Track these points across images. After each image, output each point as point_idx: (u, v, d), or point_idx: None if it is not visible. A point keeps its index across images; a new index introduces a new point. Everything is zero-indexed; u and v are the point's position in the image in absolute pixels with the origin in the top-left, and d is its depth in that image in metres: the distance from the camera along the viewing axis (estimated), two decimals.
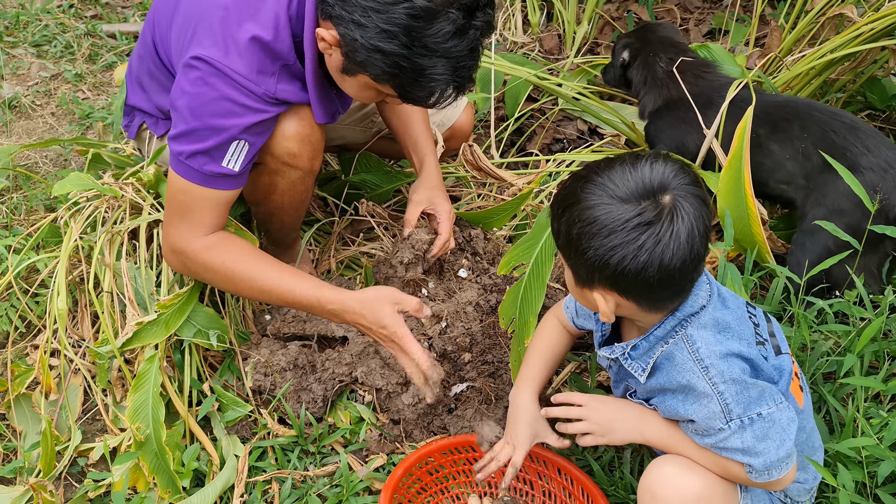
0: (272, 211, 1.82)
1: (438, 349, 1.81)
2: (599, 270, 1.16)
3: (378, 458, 1.70)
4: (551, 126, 2.69)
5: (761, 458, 1.21)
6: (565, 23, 3.04)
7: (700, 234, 1.15)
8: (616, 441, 1.37)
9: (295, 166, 1.70)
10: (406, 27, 1.35)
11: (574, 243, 1.17)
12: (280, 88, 1.56)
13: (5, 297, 1.88)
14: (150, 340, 1.67)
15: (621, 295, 1.20)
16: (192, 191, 1.57)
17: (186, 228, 1.60)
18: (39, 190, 2.34)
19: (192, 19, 1.54)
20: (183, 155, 1.54)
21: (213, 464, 1.67)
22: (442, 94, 1.45)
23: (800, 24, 2.24)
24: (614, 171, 1.16)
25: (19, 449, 1.70)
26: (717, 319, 1.26)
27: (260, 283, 1.60)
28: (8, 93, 2.80)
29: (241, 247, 1.63)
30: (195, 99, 1.50)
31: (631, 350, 1.32)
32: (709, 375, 1.22)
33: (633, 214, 1.12)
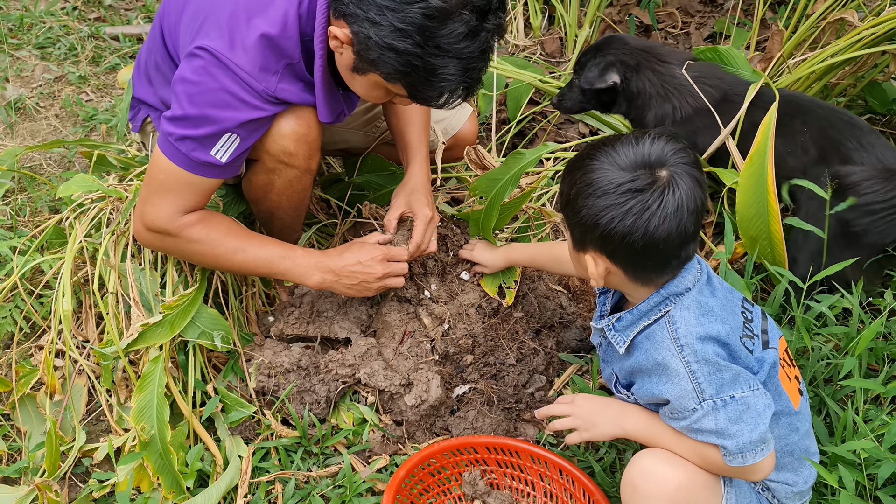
0: (271, 209, 1.84)
1: (441, 351, 1.82)
2: (590, 231, 1.25)
3: (381, 459, 1.71)
4: (553, 129, 2.70)
5: (735, 439, 1.24)
6: (567, 26, 3.06)
7: (689, 211, 1.21)
8: (599, 435, 1.42)
9: (291, 165, 1.71)
10: (420, 26, 1.37)
11: (572, 203, 1.27)
12: (281, 88, 1.57)
13: (10, 298, 1.89)
14: (155, 341, 1.68)
15: (610, 259, 1.27)
16: (176, 173, 1.59)
17: (165, 207, 1.61)
18: (44, 191, 2.35)
19: (202, 12, 1.56)
20: (173, 136, 1.55)
21: (216, 464, 1.68)
22: (452, 94, 1.46)
23: (801, 29, 2.25)
24: (619, 143, 1.25)
25: (24, 449, 1.71)
26: (701, 303, 1.30)
27: (243, 252, 1.66)
28: (12, 95, 2.81)
29: (221, 221, 1.68)
30: (195, 86, 1.52)
31: (616, 322, 1.37)
32: (683, 354, 1.26)
33: (626, 180, 1.21)
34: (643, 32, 3.14)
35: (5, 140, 2.66)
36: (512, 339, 1.89)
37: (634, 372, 1.37)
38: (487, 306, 1.92)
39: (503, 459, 1.66)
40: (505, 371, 1.84)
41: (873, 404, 1.61)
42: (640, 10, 3.17)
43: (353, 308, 1.89)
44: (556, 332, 1.95)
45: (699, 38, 3.04)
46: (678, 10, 3.18)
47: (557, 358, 1.91)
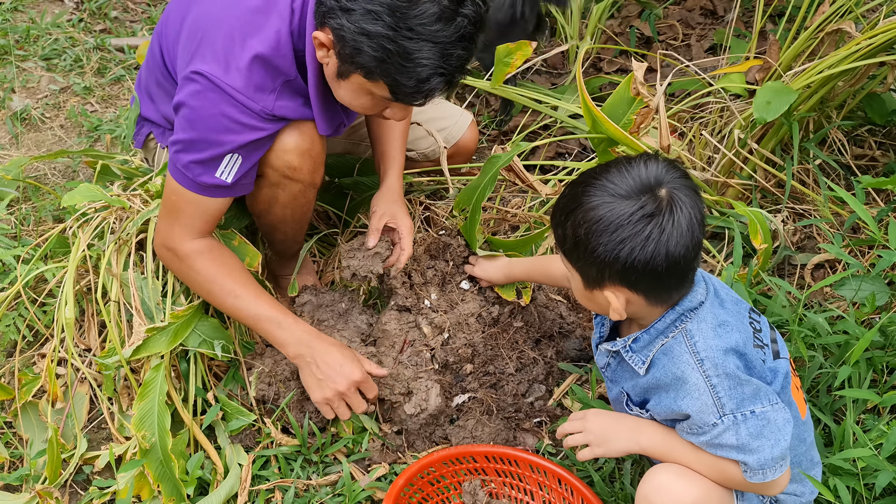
0: (274, 223, 1.85)
1: (440, 360, 1.82)
2: (609, 266, 1.22)
3: (380, 467, 1.71)
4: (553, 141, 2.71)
5: (756, 455, 1.22)
6: (568, 38, 3.07)
7: (698, 222, 1.22)
8: (612, 451, 1.39)
9: (296, 179, 1.72)
10: (390, 6, 1.37)
11: (582, 244, 1.23)
12: (279, 105, 1.58)
13: (13, 307, 1.91)
14: (157, 350, 1.68)
15: (631, 289, 1.25)
16: (185, 195, 1.62)
17: (177, 229, 1.65)
18: (48, 201, 2.37)
19: (198, 33, 1.57)
20: (180, 162, 1.59)
21: (216, 472, 1.68)
22: (430, 83, 1.44)
23: (799, 39, 2.26)
24: (611, 173, 1.23)
25: (25, 456, 1.72)
26: (716, 315, 1.29)
27: (236, 297, 1.66)
28: (18, 105, 2.84)
29: (228, 260, 1.69)
30: (194, 112, 1.54)
31: (632, 343, 1.35)
32: (703, 368, 1.25)
33: (636, 208, 1.19)
34: (644, 44, 3.15)
35: (11, 150, 2.68)
36: (511, 349, 1.89)
37: (650, 389, 1.35)
38: (487, 316, 1.93)
39: (502, 469, 1.66)
40: (504, 380, 1.84)
41: (871, 414, 1.62)
42: (640, 22, 3.19)
43: (353, 317, 1.90)
44: (555, 341, 1.96)
45: (700, 50, 3.06)
46: (679, 23, 3.20)
47: (557, 367, 1.92)
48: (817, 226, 2.26)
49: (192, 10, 1.63)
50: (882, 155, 2.44)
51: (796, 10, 2.48)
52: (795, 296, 1.76)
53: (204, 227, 1.67)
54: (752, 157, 2.25)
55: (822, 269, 2.16)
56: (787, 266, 2.19)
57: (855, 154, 2.44)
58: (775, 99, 2.02)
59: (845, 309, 1.91)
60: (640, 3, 3.28)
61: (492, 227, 2.33)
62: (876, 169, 2.42)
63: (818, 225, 2.25)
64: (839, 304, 1.98)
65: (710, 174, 2.27)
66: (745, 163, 2.28)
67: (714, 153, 2.33)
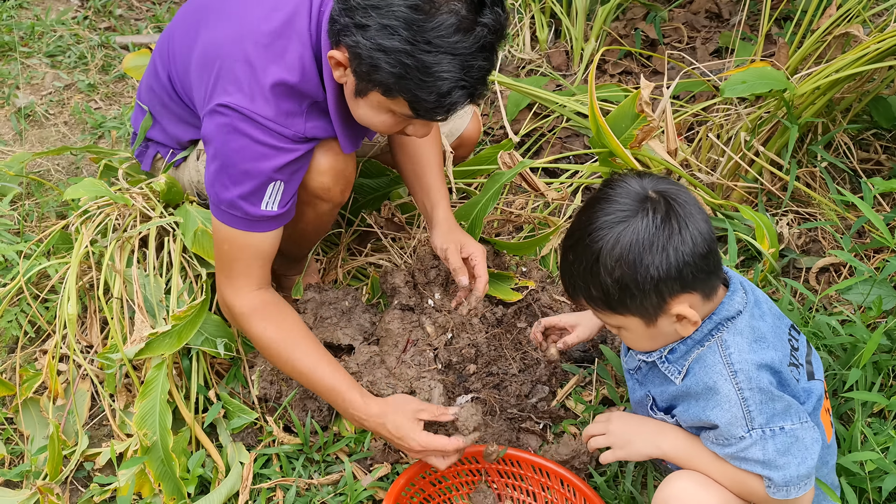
0: (293, 237, 1.81)
1: (444, 360, 1.82)
2: (665, 280, 1.20)
3: (382, 467, 1.70)
4: (557, 142, 2.71)
5: (782, 472, 1.21)
6: (573, 39, 3.07)
7: (694, 203, 1.24)
8: (634, 454, 1.38)
9: (327, 199, 1.71)
10: (406, 20, 1.32)
11: (630, 282, 1.20)
12: (309, 127, 1.55)
13: (16, 303, 1.90)
14: (162, 351, 1.67)
15: (689, 290, 1.23)
16: (237, 238, 1.58)
17: (235, 282, 1.61)
18: (51, 197, 2.36)
19: (214, 64, 1.53)
20: (223, 203, 1.55)
21: (218, 470, 1.67)
22: (451, 96, 1.38)
23: (806, 43, 2.26)
24: (602, 210, 1.23)
25: (26, 453, 1.72)
26: (754, 328, 1.28)
27: (294, 363, 1.59)
28: (22, 102, 2.84)
29: (283, 319, 1.62)
30: (226, 145, 1.51)
31: (668, 353, 1.33)
32: (736, 380, 1.23)
33: (652, 215, 1.20)
34: (649, 47, 3.15)
35: (14, 146, 2.68)
36: (515, 350, 1.89)
37: (680, 396, 1.33)
38: (491, 316, 1.92)
39: (505, 470, 1.65)
40: (508, 381, 1.84)
41: (878, 417, 1.61)
42: (646, 24, 3.18)
43: (356, 315, 1.89)
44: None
45: (705, 53, 3.05)
46: (684, 25, 3.19)
47: (560, 369, 1.91)
48: (822, 229, 2.25)
49: (200, 35, 1.60)
50: (888, 159, 2.43)
51: (803, 13, 2.48)
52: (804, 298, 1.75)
53: (260, 271, 1.62)
54: (757, 160, 2.24)
55: (827, 272, 2.15)
56: (792, 269, 2.18)
57: (860, 158, 2.43)
58: (755, 80, 1.99)
59: (851, 312, 1.90)
60: (646, 6, 3.28)
61: (496, 227, 2.33)
62: (881, 173, 2.41)
63: (824, 228, 2.24)
64: (845, 307, 1.97)
65: (716, 178, 2.27)
66: (750, 165, 2.27)
67: (719, 156, 2.32)
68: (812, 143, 2.34)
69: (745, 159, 2.25)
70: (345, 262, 2.16)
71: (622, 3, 3.20)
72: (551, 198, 2.09)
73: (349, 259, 2.18)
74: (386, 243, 2.18)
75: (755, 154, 2.25)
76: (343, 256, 2.17)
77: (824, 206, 2.27)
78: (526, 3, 3.21)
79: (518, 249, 2.09)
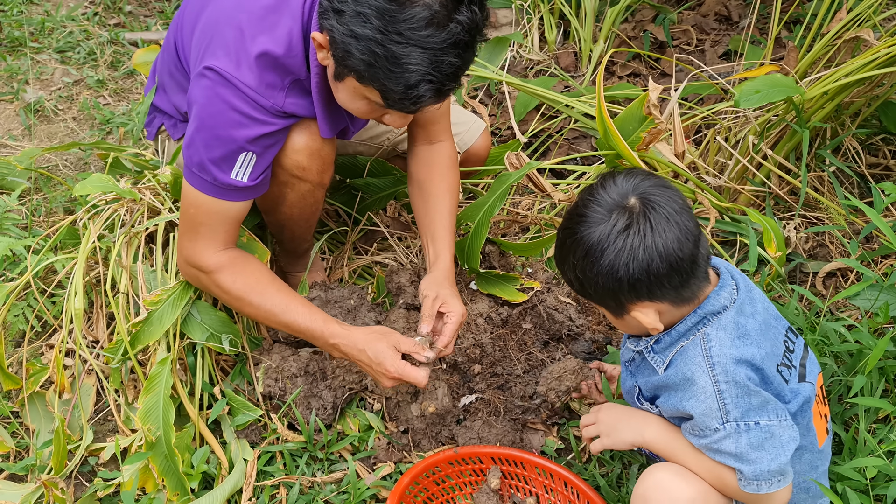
0: (282, 222, 1.84)
1: (448, 360, 1.82)
2: (618, 289, 1.24)
3: (386, 466, 1.71)
4: (565, 143, 2.71)
5: (752, 466, 1.23)
6: (582, 41, 3.07)
7: (677, 212, 1.22)
8: (619, 442, 1.42)
9: (304, 179, 1.72)
10: (379, 9, 1.33)
11: (588, 281, 1.27)
12: (289, 102, 1.57)
13: (23, 297, 1.91)
14: (148, 340, 1.68)
15: (652, 300, 1.26)
16: (204, 203, 1.60)
17: (200, 244, 1.63)
18: (59, 192, 2.37)
19: (211, 30, 1.57)
20: (194, 164, 1.57)
21: (222, 467, 1.68)
22: (418, 89, 1.38)
23: (815, 47, 2.25)
24: (586, 206, 1.26)
25: (32, 447, 1.72)
26: (738, 324, 1.29)
27: (268, 307, 1.63)
28: (31, 97, 2.85)
29: (253, 269, 1.66)
30: (204, 108, 1.54)
31: (654, 344, 1.36)
32: (713, 372, 1.25)
33: (610, 227, 1.22)
34: (658, 49, 3.14)
35: (23, 141, 2.69)
36: (520, 350, 1.89)
37: (662, 386, 1.35)
38: (496, 316, 1.92)
39: (508, 470, 1.65)
40: (512, 382, 1.84)
41: (882, 424, 1.60)
42: (654, 26, 3.18)
43: (361, 314, 1.89)
44: (564, 343, 1.95)
45: (714, 56, 3.04)
46: (693, 28, 3.18)
47: None
48: (830, 233, 2.24)
49: (208, 5, 1.63)
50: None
51: (813, 17, 2.47)
52: (811, 303, 1.74)
53: (225, 236, 1.64)
54: (765, 163, 2.23)
55: (834, 277, 2.14)
56: (799, 274, 2.17)
57: (869, 163, 2.42)
58: (768, 89, 1.98)
59: (858, 318, 1.90)
60: (655, 8, 3.27)
61: (502, 228, 2.33)
62: (891, 177, 2.40)
63: (831, 232, 2.23)
64: (851, 313, 1.97)
65: (723, 181, 2.26)
66: (758, 169, 2.27)
67: (727, 160, 2.32)
68: (820, 148, 2.33)
69: (753, 163, 2.25)
70: (351, 260, 2.17)
71: (631, 4, 3.20)
72: (558, 199, 2.08)
73: (355, 258, 2.18)
74: (392, 242, 2.18)
75: (763, 157, 2.25)
76: (349, 255, 2.17)
77: (832, 210, 2.26)
78: (535, 4, 3.21)
79: (524, 250, 2.09)
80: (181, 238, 1.66)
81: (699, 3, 3.34)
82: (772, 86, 2.01)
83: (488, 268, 2.06)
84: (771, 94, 1.98)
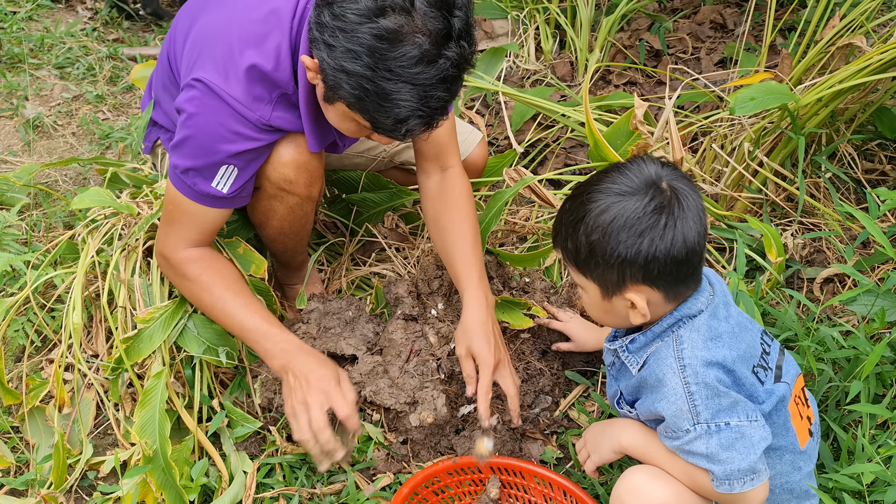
0: (273, 235, 1.86)
1: (446, 370, 1.82)
2: (631, 264, 1.24)
3: (385, 477, 1.71)
4: (562, 152, 2.72)
5: (723, 466, 1.24)
6: (577, 50, 3.08)
7: (701, 210, 1.25)
8: (604, 455, 1.43)
9: (292, 192, 1.73)
10: (370, 48, 1.33)
11: (599, 249, 1.25)
12: (275, 116, 1.58)
13: (22, 312, 1.92)
14: (138, 357, 1.69)
15: (652, 286, 1.26)
16: (182, 204, 1.63)
17: (173, 237, 1.67)
18: (59, 207, 2.38)
19: (200, 43, 1.59)
20: (178, 168, 1.60)
21: (221, 479, 1.68)
22: (408, 123, 1.41)
23: (809, 54, 2.26)
24: (611, 177, 1.27)
25: (32, 461, 1.73)
26: (711, 327, 1.30)
27: (224, 303, 1.66)
28: (31, 113, 2.87)
29: (221, 268, 1.69)
30: (191, 118, 1.55)
31: (629, 343, 1.37)
32: (684, 374, 1.26)
33: (648, 200, 1.22)
34: (653, 57, 3.16)
35: (23, 157, 2.70)
36: (518, 360, 1.89)
37: (638, 388, 1.38)
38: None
39: (507, 480, 1.65)
40: None
41: (880, 429, 1.60)
42: (650, 35, 3.20)
43: (359, 325, 1.90)
44: (562, 353, 1.95)
45: (709, 64, 3.06)
46: (689, 36, 3.20)
47: (563, 379, 1.91)
48: (826, 239, 2.25)
49: (199, 19, 1.65)
50: (892, 169, 2.43)
51: (807, 24, 2.49)
52: (806, 308, 1.74)
53: (199, 237, 1.67)
54: (761, 170, 2.24)
55: (831, 283, 2.15)
56: (796, 280, 2.18)
57: (865, 168, 2.43)
58: (763, 96, 2.00)
59: (854, 324, 1.90)
60: (650, 17, 3.29)
61: (500, 238, 2.33)
62: (886, 183, 2.41)
63: (827, 238, 2.24)
64: (848, 319, 1.97)
65: (720, 188, 2.27)
66: (754, 176, 2.27)
67: (723, 167, 2.32)
68: (816, 154, 2.34)
69: (749, 170, 2.26)
70: (348, 271, 2.17)
71: (627, 14, 3.22)
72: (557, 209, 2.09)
73: (353, 269, 2.19)
74: (390, 253, 2.19)
75: (759, 164, 2.26)
76: (347, 266, 2.18)
77: (828, 216, 2.27)
78: (531, 15, 3.23)
79: (522, 261, 2.10)
80: (159, 229, 1.71)
81: (694, 12, 3.37)
82: (766, 93, 2.02)
83: (488, 277, 2.06)
84: (766, 101, 1.99)
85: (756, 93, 2.00)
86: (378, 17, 1.32)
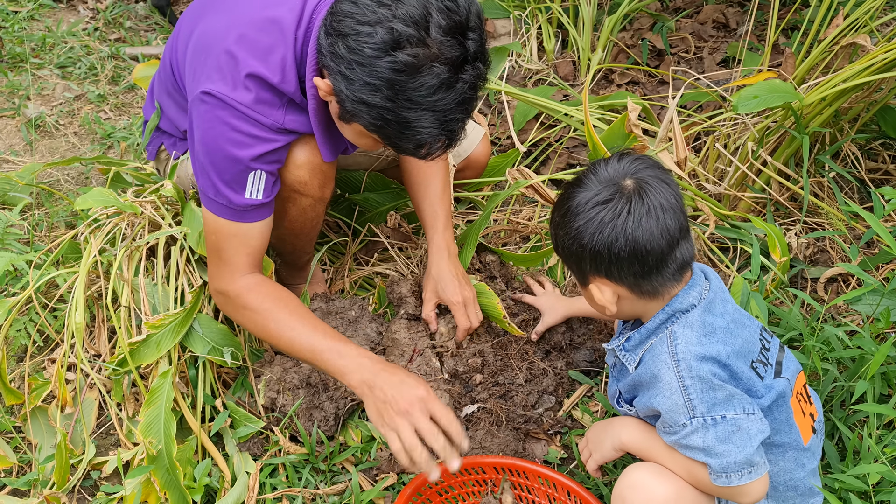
0: (283, 236, 1.85)
1: (450, 370, 1.82)
2: (580, 257, 1.28)
3: (388, 477, 1.70)
4: (564, 152, 2.71)
5: (720, 459, 1.24)
6: (580, 50, 3.08)
7: (664, 209, 1.24)
8: (606, 453, 1.44)
9: (305, 194, 1.72)
10: (389, 81, 1.34)
11: (560, 240, 1.32)
12: (289, 119, 1.58)
13: (25, 312, 1.91)
14: (143, 361, 1.69)
15: (611, 280, 1.29)
16: (223, 228, 1.61)
17: (225, 268, 1.64)
18: (61, 207, 2.38)
19: (203, 52, 1.58)
20: (209, 191, 1.58)
21: (224, 480, 1.68)
22: (430, 146, 1.43)
23: (813, 53, 2.26)
24: (585, 176, 1.31)
25: (34, 461, 1.72)
26: (705, 322, 1.30)
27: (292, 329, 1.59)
28: (33, 112, 2.86)
29: (279, 293, 1.65)
30: (207, 133, 1.54)
31: (625, 342, 1.39)
32: (678, 369, 1.27)
33: (592, 195, 1.26)
34: (656, 57, 3.15)
35: (25, 157, 2.70)
36: (521, 360, 1.88)
37: (635, 385, 1.39)
38: (497, 326, 1.92)
39: (511, 480, 1.65)
40: (514, 391, 1.83)
41: (886, 429, 1.60)
42: (652, 34, 3.19)
43: (363, 325, 1.89)
44: (565, 353, 1.94)
45: (712, 63, 3.05)
46: (691, 35, 3.20)
47: (567, 379, 1.90)
48: (830, 239, 2.24)
49: (199, 24, 1.64)
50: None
51: (810, 23, 2.48)
52: (810, 308, 1.74)
53: (249, 259, 1.64)
54: (765, 170, 2.23)
55: (835, 282, 2.14)
56: (800, 279, 2.17)
57: (869, 168, 2.42)
58: (767, 95, 1.99)
59: (859, 323, 1.89)
60: (653, 16, 3.28)
61: (502, 237, 2.33)
62: (890, 182, 2.40)
63: (831, 238, 2.23)
64: (853, 318, 1.96)
65: (723, 188, 2.26)
66: (758, 175, 2.27)
67: (727, 166, 2.32)
68: (819, 153, 2.33)
69: (753, 169, 2.25)
70: (351, 271, 2.17)
71: (629, 13, 3.21)
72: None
73: (356, 269, 2.18)
74: (393, 253, 2.18)
75: (762, 164, 2.25)
76: (350, 266, 2.17)
77: (832, 216, 2.26)
78: (533, 14, 3.22)
79: (525, 261, 2.09)
80: (209, 267, 1.68)
81: (697, 11, 3.36)
82: (770, 91, 2.02)
83: (489, 277, 2.07)
84: (769, 99, 1.99)
85: (759, 91, 1.99)
86: (395, 51, 1.33)
